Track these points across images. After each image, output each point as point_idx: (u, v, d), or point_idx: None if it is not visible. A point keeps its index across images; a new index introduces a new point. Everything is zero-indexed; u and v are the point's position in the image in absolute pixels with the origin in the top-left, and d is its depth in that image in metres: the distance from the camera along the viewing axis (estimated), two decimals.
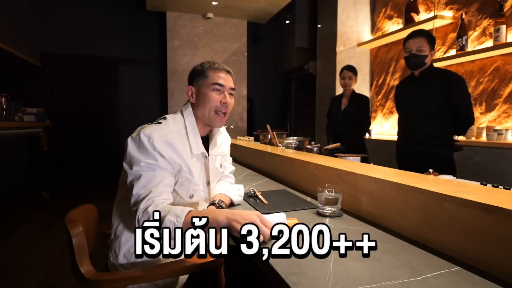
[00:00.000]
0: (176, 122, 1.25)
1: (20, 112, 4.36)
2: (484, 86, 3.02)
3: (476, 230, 0.81)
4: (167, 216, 0.99)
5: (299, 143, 2.72)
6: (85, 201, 1.40)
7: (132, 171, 1.11)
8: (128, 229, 1.19)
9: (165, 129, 1.18)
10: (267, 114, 6.40)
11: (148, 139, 1.12)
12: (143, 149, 1.12)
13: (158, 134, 1.14)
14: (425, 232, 0.96)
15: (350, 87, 3.14)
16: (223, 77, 1.29)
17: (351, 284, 0.72)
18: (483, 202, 0.79)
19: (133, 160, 1.12)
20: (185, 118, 1.28)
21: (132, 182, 1.10)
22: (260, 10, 5.33)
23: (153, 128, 1.16)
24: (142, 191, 1.08)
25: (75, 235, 1.07)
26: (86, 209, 1.28)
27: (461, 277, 0.76)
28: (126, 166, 1.14)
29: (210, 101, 1.26)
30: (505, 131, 2.72)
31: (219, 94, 1.28)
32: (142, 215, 1.04)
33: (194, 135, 1.26)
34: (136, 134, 1.15)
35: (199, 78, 1.30)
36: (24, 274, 2.44)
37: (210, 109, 1.27)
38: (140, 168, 1.11)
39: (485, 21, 2.98)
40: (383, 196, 1.12)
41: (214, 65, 1.31)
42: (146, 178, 1.10)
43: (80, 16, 5.40)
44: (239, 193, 1.42)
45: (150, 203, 1.05)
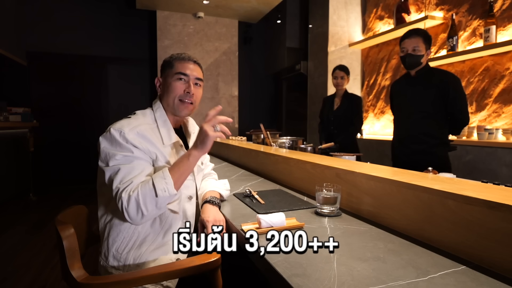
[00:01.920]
0: (146, 116, 1.25)
1: (5, 112, 4.25)
2: (475, 86, 3.05)
3: (480, 228, 0.80)
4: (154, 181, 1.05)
5: (292, 143, 2.71)
6: (73, 203, 1.36)
7: (109, 167, 1.09)
8: (113, 229, 1.16)
9: (135, 122, 1.17)
10: (258, 114, 6.37)
11: (119, 133, 1.10)
12: (116, 143, 1.10)
13: (128, 127, 1.13)
14: (427, 231, 0.94)
15: (342, 86, 3.14)
16: (188, 67, 1.27)
17: (357, 285, 0.70)
18: (489, 200, 0.78)
19: (108, 155, 1.10)
20: (155, 112, 1.27)
21: (111, 177, 1.08)
22: (251, 10, 5.31)
23: (122, 122, 1.15)
24: (122, 183, 1.06)
25: (66, 238, 1.02)
26: (76, 211, 1.23)
27: (468, 276, 0.75)
28: (102, 165, 1.11)
29: (173, 90, 1.25)
30: (496, 130, 2.75)
31: (183, 84, 1.26)
32: (128, 202, 1.03)
33: (165, 126, 1.25)
34: (107, 131, 1.13)
35: (166, 69, 1.29)
36: (11, 278, 2.35)
37: (173, 98, 1.25)
38: (117, 161, 1.09)
39: (475, 22, 3.01)
40: (383, 194, 1.10)
41: (181, 55, 1.30)
42: (124, 171, 1.08)
43: (67, 14, 5.28)
44: (226, 188, 1.48)
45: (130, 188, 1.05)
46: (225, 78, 5.73)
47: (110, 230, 1.16)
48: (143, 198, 1.03)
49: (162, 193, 1.05)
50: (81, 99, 5.47)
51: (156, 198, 1.04)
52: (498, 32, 2.78)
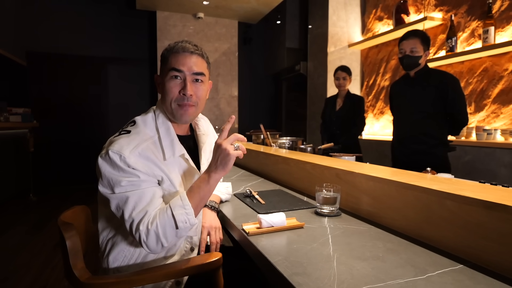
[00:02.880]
0: (147, 125, 1.08)
1: (5, 112, 4.25)
2: (473, 86, 3.07)
3: (478, 228, 0.81)
4: (174, 211, 0.96)
5: (292, 143, 2.72)
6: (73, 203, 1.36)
7: (115, 194, 0.98)
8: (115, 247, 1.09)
9: (136, 140, 1.01)
10: (258, 114, 6.38)
11: (119, 157, 0.96)
12: (118, 168, 0.97)
13: (128, 148, 0.98)
14: (426, 230, 0.96)
15: (344, 87, 3.15)
16: (183, 61, 1.05)
17: (357, 283, 0.72)
18: (486, 200, 0.79)
19: (112, 182, 0.97)
20: (157, 117, 1.10)
21: (120, 206, 0.98)
22: (251, 11, 5.32)
23: (121, 142, 0.99)
24: (135, 213, 0.97)
25: (69, 238, 1.03)
26: (78, 211, 1.24)
27: (465, 275, 0.76)
28: (105, 191, 0.99)
29: (167, 93, 1.06)
30: (494, 130, 2.77)
31: (178, 84, 1.06)
32: (147, 236, 0.95)
33: (168, 135, 1.08)
34: (105, 152, 0.98)
35: (162, 64, 1.11)
36: (12, 278, 2.36)
37: (170, 101, 1.06)
38: (123, 188, 0.97)
39: (474, 23, 3.02)
40: (383, 194, 1.11)
41: (176, 46, 1.08)
42: (134, 199, 0.97)
43: (67, 15, 5.29)
44: (227, 191, 1.44)
45: (147, 219, 0.97)
46: (225, 79, 5.74)
47: (111, 247, 1.10)
48: (162, 230, 0.95)
49: (182, 225, 0.96)
50: (81, 100, 5.48)
51: (176, 230, 0.96)
52: (497, 33, 2.80)
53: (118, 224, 1.08)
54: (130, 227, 0.97)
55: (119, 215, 0.99)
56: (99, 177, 1.00)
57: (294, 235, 1.03)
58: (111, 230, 1.10)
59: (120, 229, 1.09)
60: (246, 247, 1.03)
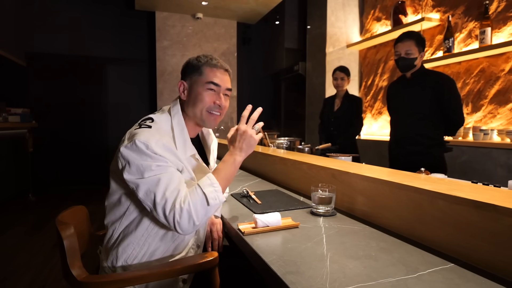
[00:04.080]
0: (163, 124, 1.15)
1: (4, 113, 4.26)
2: (470, 87, 3.09)
3: (468, 227, 0.83)
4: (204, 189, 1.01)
5: (290, 143, 2.73)
6: (72, 203, 1.37)
7: (145, 179, 1.00)
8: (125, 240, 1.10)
9: (158, 134, 1.07)
10: None
11: (146, 147, 1.01)
12: (145, 155, 1.01)
13: (153, 140, 1.03)
14: (418, 230, 0.97)
15: (342, 88, 3.16)
16: (219, 76, 1.17)
17: (348, 282, 0.73)
18: (476, 199, 0.81)
19: (142, 167, 1.01)
20: (172, 117, 1.17)
21: (151, 190, 1.00)
22: (250, 11, 5.34)
23: (145, 134, 1.05)
24: (168, 192, 0.99)
25: (67, 238, 1.05)
26: (77, 211, 1.26)
27: (456, 273, 0.77)
28: (132, 178, 1.01)
29: (202, 101, 1.16)
30: (491, 131, 2.79)
31: (213, 95, 1.17)
32: (180, 215, 0.98)
33: (182, 136, 1.15)
34: (131, 142, 1.03)
35: (193, 73, 1.18)
36: (11, 278, 2.37)
37: (201, 109, 1.16)
38: (153, 172, 1.00)
39: (471, 24, 3.04)
40: (377, 194, 1.13)
41: (212, 61, 1.18)
42: (165, 180, 1.01)
43: (66, 15, 5.30)
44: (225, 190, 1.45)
45: (180, 198, 1.00)
46: None
47: (121, 239, 1.10)
48: (194, 208, 0.98)
49: (213, 202, 1.00)
50: (81, 100, 5.49)
51: (207, 207, 1.00)
52: (493, 34, 2.81)
53: (133, 218, 1.09)
54: (163, 209, 0.99)
55: (150, 199, 1.01)
56: (125, 166, 1.02)
57: (289, 234, 1.04)
58: (123, 223, 1.11)
59: (132, 223, 1.10)
60: (242, 247, 1.05)
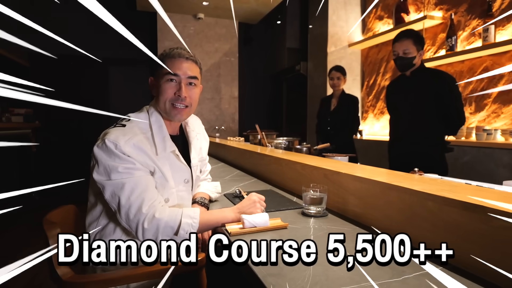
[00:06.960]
0: (140, 122, 1.16)
1: (7, 113, 4.29)
2: (474, 86, 3.04)
3: (458, 229, 0.80)
4: (183, 218, 1.02)
5: (288, 143, 2.71)
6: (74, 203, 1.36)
7: (111, 181, 1.02)
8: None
9: (130, 132, 1.08)
10: (259, 114, 6.37)
11: (115, 146, 1.03)
12: (114, 155, 1.03)
13: (124, 139, 1.04)
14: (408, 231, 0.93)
15: (339, 87, 3.14)
16: (179, 66, 1.15)
17: (330, 285, 0.71)
18: (465, 201, 0.78)
19: (109, 168, 1.03)
20: (150, 116, 1.18)
21: (115, 193, 1.02)
22: (251, 11, 5.32)
23: (116, 132, 1.06)
24: (133, 198, 1.01)
25: (52, 237, 1.04)
26: (65, 210, 1.26)
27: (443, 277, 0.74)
28: (100, 178, 1.04)
29: (163, 93, 1.15)
30: (494, 131, 2.73)
31: (173, 86, 1.15)
32: (150, 222, 0.99)
33: (160, 132, 1.15)
34: (101, 141, 1.05)
35: (157, 68, 1.18)
36: None
37: (164, 101, 1.15)
38: (119, 175, 1.02)
39: (474, 22, 2.99)
40: (368, 195, 1.10)
41: (171, 52, 1.17)
42: (131, 185, 1.02)
43: (69, 16, 5.33)
44: (217, 190, 1.48)
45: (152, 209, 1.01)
46: (226, 79, 5.75)
47: None
48: (164, 227, 1.00)
49: (182, 233, 1.01)
50: (83, 100, 5.51)
51: (173, 235, 1.01)
52: (497, 32, 2.76)
53: (107, 217, 1.10)
54: (127, 213, 1.01)
55: (115, 202, 1.03)
56: (95, 165, 1.06)
57: (276, 235, 1.02)
58: (101, 222, 1.13)
59: (109, 223, 1.11)
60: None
